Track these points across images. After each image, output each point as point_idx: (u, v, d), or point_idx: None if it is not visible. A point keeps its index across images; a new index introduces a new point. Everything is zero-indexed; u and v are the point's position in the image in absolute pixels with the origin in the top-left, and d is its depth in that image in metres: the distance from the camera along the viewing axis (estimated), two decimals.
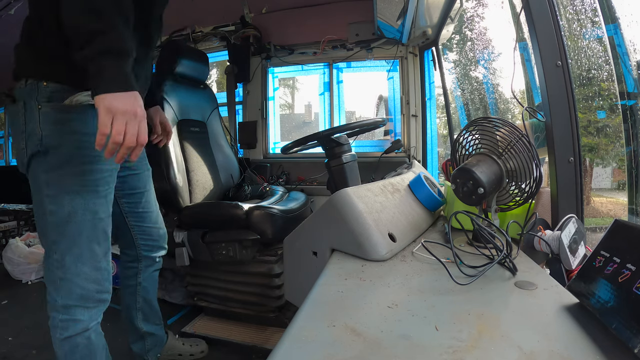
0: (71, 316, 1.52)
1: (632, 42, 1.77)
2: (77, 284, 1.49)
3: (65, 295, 1.49)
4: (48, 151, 1.38)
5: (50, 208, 1.41)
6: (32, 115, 1.37)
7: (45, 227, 1.45)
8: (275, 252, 2.45)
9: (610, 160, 2.54)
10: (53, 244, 1.45)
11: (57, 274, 1.47)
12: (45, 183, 1.41)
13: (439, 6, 2.68)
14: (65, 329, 1.52)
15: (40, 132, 1.37)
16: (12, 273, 3.57)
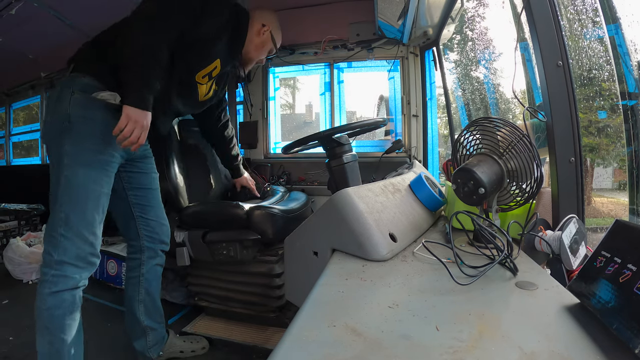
0: (63, 272, 1.70)
1: (633, 42, 1.77)
2: (74, 243, 1.71)
3: (62, 252, 1.69)
4: (72, 128, 1.71)
5: (66, 174, 1.71)
6: (65, 98, 1.72)
7: (58, 189, 1.72)
8: (276, 252, 2.45)
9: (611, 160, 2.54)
10: (62, 204, 1.71)
11: (59, 231, 1.69)
12: (66, 153, 1.71)
13: (440, 6, 2.68)
14: (55, 284, 1.69)
15: (68, 112, 1.71)
16: (13, 273, 3.57)
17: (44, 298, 1.69)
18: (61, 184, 1.71)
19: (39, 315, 1.70)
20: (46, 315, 1.70)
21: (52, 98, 1.78)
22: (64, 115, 1.71)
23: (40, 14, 3.73)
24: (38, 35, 4.19)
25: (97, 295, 3.19)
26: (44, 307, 1.69)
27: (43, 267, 1.72)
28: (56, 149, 1.73)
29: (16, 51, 4.54)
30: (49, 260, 1.70)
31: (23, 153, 6.02)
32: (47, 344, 1.71)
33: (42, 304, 1.69)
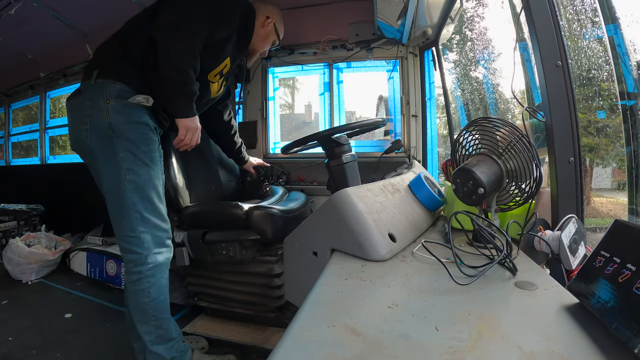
0: (155, 262, 1.87)
1: (632, 42, 1.77)
2: (154, 234, 1.88)
3: (147, 247, 1.85)
4: (120, 136, 1.79)
5: (130, 178, 1.81)
6: (100, 106, 1.78)
7: (124, 194, 1.82)
8: (276, 252, 2.45)
9: (610, 160, 2.54)
10: (133, 205, 1.82)
11: (139, 229, 1.84)
12: (123, 160, 1.80)
13: (439, 6, 2.68)
14: (153, 276, 1.87)
15: (109, 121, 1.78)
16: (12, 273, 3.57)
17: (146, 292, 1.86)
18: (126, 188, 1.82)
19: (142, 309, 1.87)
20: (152, 305, 1.88)
21: (83, 106, 1.82)
22: (105, 125, 1.78)
23: (39, 14, 3.73)
24: (37, 35, 4.19)
25: (96, 296, 3.20)
26: (149, 300, 1.87)
27: (134, 267, 1.86)
28: (109, 157, 1.82)
29: (15, 51, 4.54)
30: (138, 259, 1.85)
31: (22, 153, 6.01)
32: (156, 329, 1.91)
33: (146, 298, 1.86)
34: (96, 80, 1.82)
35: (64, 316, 2.82)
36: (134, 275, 1.86)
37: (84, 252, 3.70)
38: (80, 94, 1.85)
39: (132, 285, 1.87)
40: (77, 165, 4.93)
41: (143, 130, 1.87)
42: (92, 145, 1.82)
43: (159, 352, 1.91)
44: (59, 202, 4.53)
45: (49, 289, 3.40)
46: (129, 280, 1.88)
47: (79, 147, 1.90)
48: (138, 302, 1.87)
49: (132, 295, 1.88)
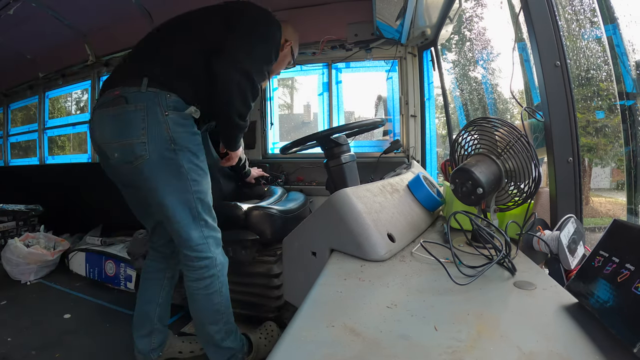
0: (220, 262, 1.94)
1: (631, 42, 1.77)
2: (215, 237, 1.94)
3: (214, 249, 1.91)
4: (182, 148, 1.79)
5: (196, 188, 1.84)
6: (157, 118, 1.74)
7: (192, 205, 1.84)
8: (275, 253, 2.44)
9: (609, 160, 2.54)
10: (199, 214, 1.86)
11: (209, 234, 1.90)
12: (188, 170, 1.81)
13: (438, 6, 2.68)
14: (222, 275, 1.94)
15: (170, 134, 1.75)
16: (11, 273, 3.56)
17: (219, 292, 1.92)
18: (193, 199, 1.84)
19: (216, 310, 1.92)
20: (224, 303, 1.95)
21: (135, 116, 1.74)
22: (167, 138, 1.76)
23: (38, 14, 3.72)
24: (36, 35, 4.18)
25: (95, 296, 3.19)
26: (221, 299, 1.93)
27: (206, 272, 1.89)
28: (176, 171, 1.80)
29: (14, 51, 4.54)
30: (211, 263, 1.89)
31: (21, 153, 6.00)
32: (225, 325, 1.95)
33: (218, 298, 1.92)
34: (148, 89, 1.75)
35: (63, 316, 2.81)
36: (207, 280, 1.89)
37: (82, 252, 3.70)
38: (126, 103, 1.74)
39: (205, 290, 1.89)
40: (75, 165, 4.94)
41: (198, 140, 1.89)
42: (154, 159, 1.75)
43: (230, 345, 1.97)
44: (58, 202, 4.52)
45: (48, 290, 3.39)
46: (199, 286, 1.90)
47: (131, 161, 1.76)
48: (211, 304, 1.91)
49: (204, 300, 1.91)
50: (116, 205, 2.52)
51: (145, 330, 2.11)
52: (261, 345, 2.21)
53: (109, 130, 1.78)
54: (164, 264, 2.16)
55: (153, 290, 2.15)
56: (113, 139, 1.76)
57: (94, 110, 1.86)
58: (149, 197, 1.84)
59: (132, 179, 1.83)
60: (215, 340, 1.94)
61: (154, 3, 3.57)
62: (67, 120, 5.28)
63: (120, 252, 3.43)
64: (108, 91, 1.81)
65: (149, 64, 1.83)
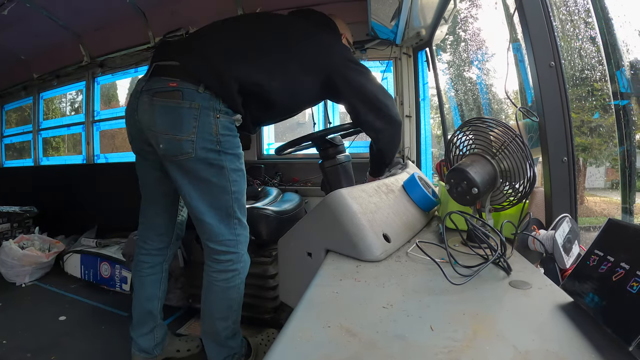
0: (246, 259, 2.02)
1: (625, 43, 1.78)
2: (246, 236, 2.02)
3: (243, 246, 1.99)
4: (226, 150, 1.85)
5: (234, 189, 1.90)
6: (208, 120, 1.78)
7: (228, 203, 1.91)
8: (270, 253, 2.44)
9: (603, 159, 2.55)
10: (234, 212, 1.93)
11: (237, 232, 1.96)
12: (229, 170, 1.87)
13: (433, 7, 2.69)
14: (244, 272, 2.01)
15: (217, 137, 1.81)
16: (6, 276, 3.54)
17: (237, 288, 1.98)
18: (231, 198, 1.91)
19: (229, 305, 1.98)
20: (238, 300, 2.01)
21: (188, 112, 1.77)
22: (214, 139, 1.81)
23: (32, 15, 3.71)
24: (30, 36, 4.17)
25: (91, 298, 3.18)
26: (237, 295, 2.00)
27: (231, 265, 1.95)
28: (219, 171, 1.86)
29: (8, 52, 4.52)
30: (237, 258, 1.96)
31: (15, 155, 5.98)
32: (234, 323, 2.01)
33: (235, 294, 1.98)
34: (205, 91, 1.78)
35: (59, 319, 2.80)
36: (230, 273, 1.95)
37: (77, 254, 3.68)
38: (181, 97, 1.77)
39: (225, 282, 1.95)
40: (70, 166, 4.92)
41: (239, 143, 1.93)
42: (200, 157, 1.80)
43: (232, 345, 2.01)
44: (53, 204, 4.50)
45: (43, 292, 3.38)
46: (220, 277, 1.95)
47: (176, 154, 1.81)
48: (227, 299, 1.97)
49: (221, 292, 1.96)
50: (111, 207, 2.52)
51: (148, 328, 2.13)
52: (261, 350, 2.23)
53: (160, 121, 1.78)
54: (161, 258, 2.19)
55: (154, 286, 2.18)
56: (163, 130, 1.78)
57: (141, 92, 1.83)
58: (183, 191, 1.88)
59: (171, 170, 1.86)
60: (220, 336, 1.98)
61: (148, 3, 3.55)
62: (61, 122, 5.27)
63: (115, 254, 3.43)
64: (163, 78, 1.80)
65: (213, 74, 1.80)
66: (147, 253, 2.16)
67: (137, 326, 2.13)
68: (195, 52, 1.86)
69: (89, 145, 4.80)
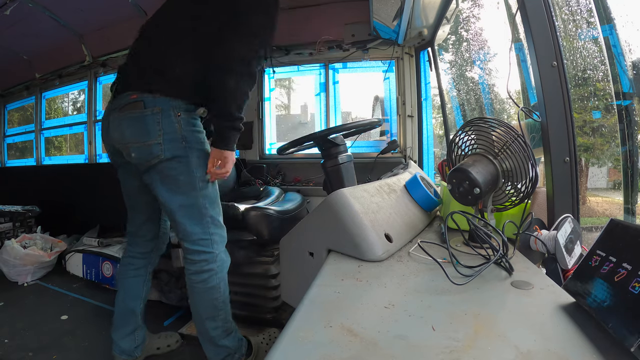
0: (222, 259, 1.99)
1: (628, 43, 1.78)
2: (222, 235, 2.01)
3: (218, 245, 1.97)
4: (193, 146, 1.88)
5: (202, 185, 1.91)
6: (170, 120, 1.83)
7: (198, 200, 1.91)
8: (272, 253, 2.44)
9: (605, 160, 2.55)
10: (205, 210, 1.93)
11: (211, 231, 1.95)
12: (196, 167, 1.89)
13: (435, 7, 2.68)
14: (221, 271, 1.98)
15: (182, 134, 1.85)
16: (8, 275, 3.55)
17: (218, 288, 1.96)
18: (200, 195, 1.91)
19: (212, 305, 1.96)
20: (222, 299, 1.98)
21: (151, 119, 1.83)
22: (179, 137, 1.85)
23: (35, 15, 3.72)
24: (33, 36, 4.17)
25: (93, 297, 3.19)
26: (219, 295, 1.97)
27: (206, 265, 1.94)
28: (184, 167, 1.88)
29: (10, 52, 4.53)
30: (211, 258, 1.95)
31: (17, 154, 5.99)
32: (224, 323, 2.00)
33: (217, 294, 1.96)
34: (160, 96, 1.83)
35: (60, 318, 2.80)
36: (206, 273, 1.94)
37: (79, 253, 3.69)
38: (143, 106, 1.83)
39: (203, 284, 1.94)
40: (72, 166, 4.93)
41: (205, 139, 1.96)
42: (168, 157, 1.84)
43: (227, 344, 2.00)
44: (55, 203, 4.51)
45: (45, 291, 3.38)
46: (197, 280, 1.95)
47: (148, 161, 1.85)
48: (210, 299, 1.96)
49: (202, 294, 1.95)
50: (113, 206, 2.52)
51: (130, 329, 2.15)
52: (262, 349, 2.23)
53: (128, 132, 1.85)
54: (146, 260, 2.21)
55: (138, 287, 2.20)
56: (132, 139, 1.85)
57: (110, 111, 1.93)
58: (157, 194, 1.92)
59: (146, 178, 1.92)
60: (212, 337, 1.98)
61: (150, 3, 3.55)
62: (64, 121, 5.28)
63: (117, 253, 3.43)
64: (125, 94, 1.87)
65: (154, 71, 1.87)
66: (133, 256, 2.20)
67: (118, 328, 2.15)
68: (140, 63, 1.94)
69: (91, 145, 4.81)
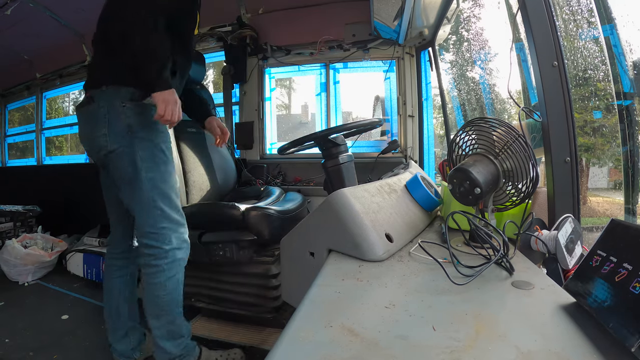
0: (174, 258, 1.91)
1: (628, 43, 1.78)
2: (175, 230, 1.92)
3: (168, 241, 1.89)
4: (137, 135, 1.83)
5: (150, 175, 1.85)
6: (116, 110, 1.81)
7: (143, 192, 1.85)
8: (273, 253, 2.44)
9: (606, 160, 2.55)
10: (153, 202, 1.86)
11: (162, 224, 1.88)
12: (141, 158, 1.83)
13: (436, 7, 2.68)
14: (169, 270, 1.89)
15: (127, 122, 1.81)
16: (9, 274, 3.55)
17: (162, 286, 1.89)
18: (146, 185, 1.85)
19: (156, 303, 1.90)
20: (167, 299, 1.90)
21: (99, 112, 1.83)
22: (124, 127, 1.82)
23: (35, 15, 3.72)
24: (33, 36, 4.18)
25: (93, 297, 3.18)
26: (163, 294, 1.89)
27: (152, 260, 1.88)
28: (128, 157, 1.84)
29: (11, 52, 4.53)
30: (159, 253, 1.88)
31: (18, 154, 6.00)
32: (167, 324, 1.92)
33: (161, 292, 1.89)
34: (108, 87, 1.83)
35: (61, 317, 2.81)
36: (152, 268, 1.88)
37: (80, 253, 3.69)
38: (92, 102, 1.84)
39: (150, 278, 1.90)
40: (73, 166, 4.94)
41: (155, 128, 1.91)
42: (112, 149, 1.83)
43: (167, 347, 1.92)
44: (56, 203, 4.51)
45: (46, 291, 3.39)
46: (145, 272, 1.91)
47: (98, 154, 1.88)
48: (153, 295, 1.90)
49: (149, 288, 1.91)
50: None
51: (122, 331, 2.15)
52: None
53: (83, 128, 1.93)
54: (127, 260, 2.21)
55: (121, 288, 2.18)
56: (85, 134, 1.92)
57: None
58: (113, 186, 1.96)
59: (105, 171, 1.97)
60: (155, 335, 1.93)
61: None
62: (64, 121, 5.28)
63: None
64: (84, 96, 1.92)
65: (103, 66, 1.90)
66: (113, 257, 2.21)
67: (111, 331, 2.15)
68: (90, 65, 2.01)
69: None
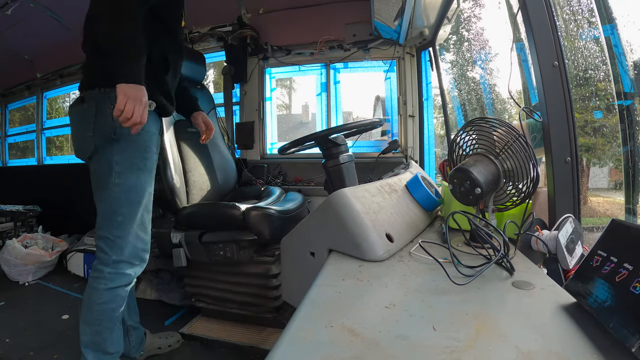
0: (120, 270, 1.84)
1: (629, 43, 1.77)
2: (130, 243, 1.84)
3: (120, 252, 1.82)
4: (120, 139, 1.76)
5: (119, 181, 1.78)
6: (104, 112, 1.74)
7: (110, 196, 1.79)
8: (273, 253, 2.44)
9: (607, 160, 2.54)
10: (117, 208, 1.80)
11: (116, 234, 1.81)
12: (117, 162, 1.77)
13: (436, 7, 2.68)
14: (111, 281, 1.83)
15: (113, 125, 1.73)
16: (9, 274, 3.56)
17: (100, 293, 1.82)
18: (113, 190, 1.79)
19: (90, 308, 1.84)
20: (99, 309, 1.83)
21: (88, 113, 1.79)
22: (108, 129, 1.75)
23: (36, 15, 3.72)
24: (34, 36, 4.18)
25: None
26: (98, 302, 1.82)
27: (98, 264, 1.83)
28: (104, 160, 1.79)
29: (12, 51, 4.53)
30: (106, 259, 1.82)
31: (19, 154, 6.00)
32: (93, 334, 1.85)
33: (97, 299, 1.82)
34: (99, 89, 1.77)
35: (61, 317, 2.81)
36: (95, 272, 1.84)
37: (81, 253, 3.70)
38: (84, 102, 1.81)
39: (91, 280, 1.85)
40: (74, 166, 4.93)
41: (145, 137, 1.84)
42: (95, 150, 1.79)
43: (87, 357, 1.86)
44: (56, 203, 4.51)
45: (46, 290, 3.39)
46: (91, 274, 1.87)
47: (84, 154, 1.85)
48: (90, 300, 1.84)
49: (88, 290, 1.86)
50: None
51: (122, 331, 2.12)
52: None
53: (73, 129, 1.91)
54: None
55: None
56: (74, 136, 1.91)
57: None
58: None
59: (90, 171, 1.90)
60: (81, 340, 1.88)
61: None
62: (65, 121, 5.28)
63: None
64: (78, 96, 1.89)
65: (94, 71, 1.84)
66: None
67: None
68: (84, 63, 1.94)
69: None
